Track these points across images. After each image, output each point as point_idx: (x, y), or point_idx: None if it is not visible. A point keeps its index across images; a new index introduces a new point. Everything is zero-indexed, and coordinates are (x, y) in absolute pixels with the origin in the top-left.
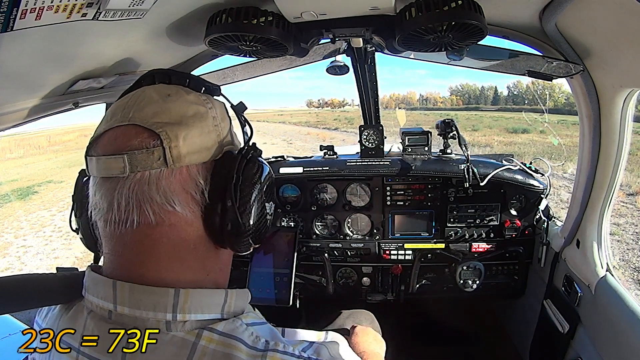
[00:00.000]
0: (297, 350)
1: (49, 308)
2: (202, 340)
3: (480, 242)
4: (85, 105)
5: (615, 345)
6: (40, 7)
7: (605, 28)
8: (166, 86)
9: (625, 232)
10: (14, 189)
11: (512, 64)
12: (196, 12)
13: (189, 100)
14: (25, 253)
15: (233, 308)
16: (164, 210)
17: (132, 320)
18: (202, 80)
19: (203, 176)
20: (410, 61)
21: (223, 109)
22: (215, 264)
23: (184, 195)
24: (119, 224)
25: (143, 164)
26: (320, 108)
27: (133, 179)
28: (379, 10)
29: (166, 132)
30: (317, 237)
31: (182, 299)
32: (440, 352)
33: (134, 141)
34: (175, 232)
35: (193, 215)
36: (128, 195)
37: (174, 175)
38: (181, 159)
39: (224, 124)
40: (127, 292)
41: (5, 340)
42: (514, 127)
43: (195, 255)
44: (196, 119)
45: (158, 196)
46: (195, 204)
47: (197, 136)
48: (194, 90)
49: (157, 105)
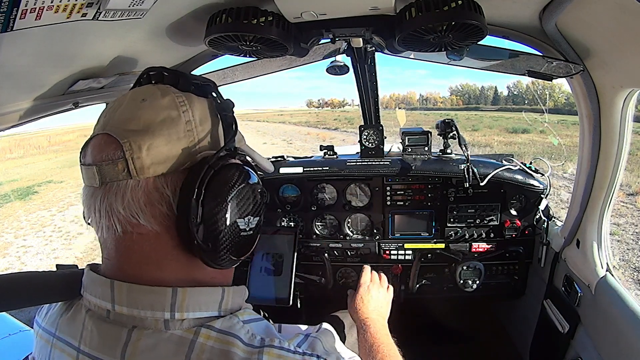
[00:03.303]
0: (292, 345)
1: (48, 307)
2: (200, 337)
3: (480, 242)
4: (85, 105)
5: (615, 345)
6: (40, 7)
7: (605, 28)
8: (147, 88)
9: (625, 232)
10: (14, 189)
11: (512, 64)
12: (196, 12)
13: (161, 105)
14: (25, 253)
15: (230, 305)
16: (129, 223)
17: (130, 320)
18: (193, 78)
19: (172, 187)
20: (410, 61)
21: (205, 110)
22: (204, 273)
23: (150, 208)
24: (98, 230)
25: (110, 175)
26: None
27: (104, 190)
28: (379, 10)
29: (130, 142)
30: (317, 237)
31: (180, 298)
32: (440, 351)
33: (104, 152)
34: (146, 243)
35: (161, 228)
36: (99, 205)
37: (139, 187)
38: (144, 170)
39: (203, 126)
40: (125, 291)
41: (5, 340)
42: (514, 127)
43: (178, 264)
44: (164, 125)
45: (122, 208)
46: (164, 217)
47: (163, 145)
48: (182, 90)
49: (129, 111)
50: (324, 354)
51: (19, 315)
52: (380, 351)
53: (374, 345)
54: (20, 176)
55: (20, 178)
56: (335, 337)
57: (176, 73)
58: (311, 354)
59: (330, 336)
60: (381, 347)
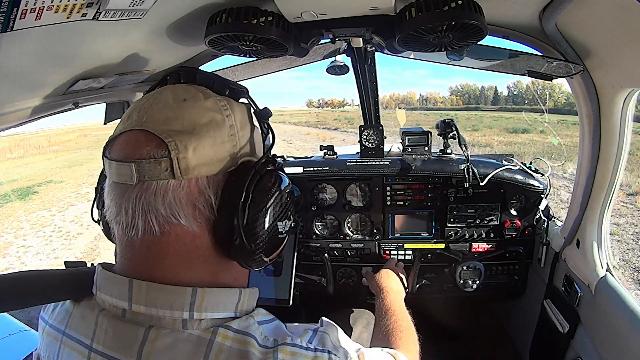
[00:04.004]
0: (304, 341)
1: (55, 303)
2: (218, 337)
3: (480, 242)
4: (85, 105)
5: (615, 345)
6: (40, 7)
7: (605, 28)
8: (185, 88)
9: (625, 232)
10: (14, 189)
11: (512, 64)
12: (196, 12)
13: (205, 107)
14: (25, 253)
15: (246, 306)
16: (168, 223)
17: (147, 319)
18: (229, 82)
19: (213, 189)
20: (410, 61)
21: (244, 115)
22: (229, 274)
23: (191, 208)
24: (127, 229)
25: (150, 174)
26: (320, 108)
27: (140, 188)
28: (379, 10)
29: (175, 142)
30: (317, 237)
31: (199, 298)
32: (440, 351)
33: (143, 149)
34: (182, 244)
35: (200, 229)
36: (135, 203)
37: (181, 187)
38: (189, 171)
39: (243, 132)
40: (144, 290)
41: (5, 340)
42: (514, 127)
43: (205, 265)
44: (210, 128)
45: (163, 208)
46: (203, 218)
47: (208, 147)
48: (217, 92)
49: (171, 110)
50: (333, 348)
51: (19, 315)
52: (395, 314)
53: (390, 310)
54: (20, 176)
55: (20, 178)
56: (339, 330)
57: (209, 75)
58: (322, 349)
59: (335, 330)
60: (396, 312)
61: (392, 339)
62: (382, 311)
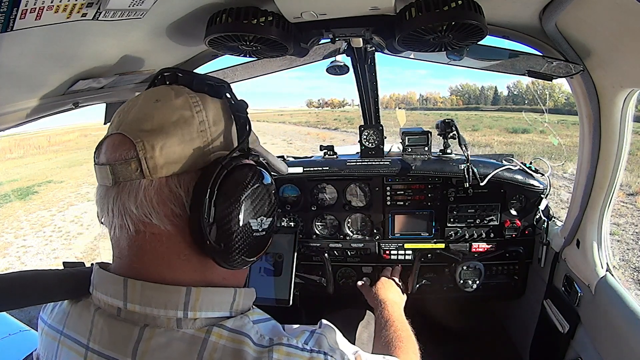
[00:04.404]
0: (300, 342)
1: (54, 304)
2: (212, 336)
3: (480, 242)
4: (85, 105)
5: (615, 345)
6: (40, 7)
7: (605, 28)
8: (161, 89)
9: (625, 232)
10: (14, 189)
11: (512, 64)
12: (196, 12)
13: (175, 106)
14: (25, 253)
15: (241, 306)
16: (142, 222)
17: (142, 318)
18: (207, 79)
19: (184, 187)
20: (410, 61)
21: (218, 111)
22: (216, 274)
23: (163, 207)
24: (111, 229)
25: (123, 175)
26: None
27: (116, 189)
28: (379, 10)
29: (143, 142)
30: (317, 237)
31: (194, 297)
32: (440, 351)
33: (117, 152)
34: (158, 243)
35: (174, 228)
36: (113, 204)
37: (152, 187)
38: (157, 170)
39: (217, 127)
40: (139, 289)
41: (5, 340)
42: (514, 127)
43: (189, 264)
44: (178, 125)
45: (135, 207)
46: (176, 217)
47: (176, 145)
48: (197, 90)
49: (143, 111)
50: (330, 350)
51: (19, 315)
52: (394, 325)
53: (389, 321)
54: (20, 176)
55: (20, 178)
56: (337, 333)
57: (190, 74)
58: (318, 350)
59: (333, 332)
60: (395, 322)
61: (392, 348)
62: (381, 323)
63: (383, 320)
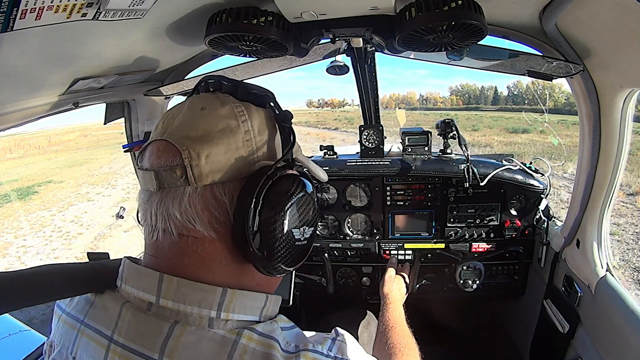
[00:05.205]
0: (324, 349)
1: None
2: (242, 338)
3: (480, 242)
4: (85, 105)
5: (615, 345)
6: (40, 7)
7: (605, 28)
8: (206, 97)
9: (625, 232)
10: (14, 189)
11: (512, 64)
12: (196, 12)
13: (221, 115)
14: (25, 253)
15: (270, 312)
16: (185, 227)
17: (174, 314)
18: (252, 88)
19: (229, 195)
20: (410, 61)
21: (263, 120)
22: (252, 280)
23: (207, 214)
24: (151, 232)
25: (168, 181)
26: (320, 108)
27: (160, 195)
28: (379, 10)
29: (189, 150)
30: (317, 237)
31: (228, 299)
32: (440, 351)
33: (162, 158)
34: (200, 247)
35: (217, 235)
36: (156, 209)
37: (197, 194)
38: (203, 178)
39: (261, 137)
40: (175, 285)
41: (5, 340)
42: (514, 127)
43: (228, 269)
44: (224, 134)
45: (179, 214)
46: (220, 224)
47: (222, 154)
48: (241, 99)
49: (189, 119)
50: (353, 358)
51: (19, 315)
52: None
53: (391, 324)
54: (20, 176)
55: (20, 178)
56: (355, 341)
57: (234, 82)
58: (342, 358)
59: (352, 340)
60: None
61: (394, 357)
62: (383, 324)
63: (385, 322)
